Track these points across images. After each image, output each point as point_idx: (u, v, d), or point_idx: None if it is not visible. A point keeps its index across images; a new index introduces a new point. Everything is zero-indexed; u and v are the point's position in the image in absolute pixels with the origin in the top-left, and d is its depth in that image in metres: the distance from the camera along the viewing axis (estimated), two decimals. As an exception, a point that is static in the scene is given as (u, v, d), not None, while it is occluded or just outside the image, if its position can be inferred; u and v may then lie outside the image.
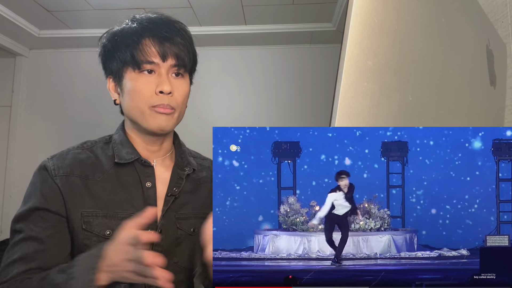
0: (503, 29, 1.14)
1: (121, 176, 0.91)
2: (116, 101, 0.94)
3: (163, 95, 0.86)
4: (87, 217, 0.85)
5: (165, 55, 0.87)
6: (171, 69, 0.89)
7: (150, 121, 0.87)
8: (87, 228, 0.85)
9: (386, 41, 0.50)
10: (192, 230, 0.96)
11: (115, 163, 0.91)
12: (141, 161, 0.92)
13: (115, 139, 0.95)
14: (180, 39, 0.89)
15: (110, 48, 0.89)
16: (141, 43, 0.86)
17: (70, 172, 0.87)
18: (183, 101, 0.92)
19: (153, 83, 0.87)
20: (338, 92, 0.43)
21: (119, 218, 0.87)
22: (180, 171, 0.97)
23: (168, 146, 1.00)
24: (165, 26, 0.89)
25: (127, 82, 0.88)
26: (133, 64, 0.86)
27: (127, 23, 0.91)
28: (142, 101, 0.86)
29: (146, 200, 0.91)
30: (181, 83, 0.91)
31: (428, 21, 0.63)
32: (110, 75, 0.93)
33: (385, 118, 0.50)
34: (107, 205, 0.87)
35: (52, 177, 0.86)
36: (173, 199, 0.94)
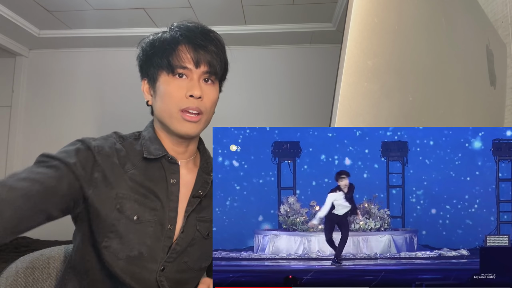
0: (503, 29, 1.14)
1: (149, 171, 0.94)
2: (148, 102, 0.99)
3: (193, 99, 0.90)
4: (122, 198, 0.88)
5: (199, 62, 0.92)
6: (203, 75, 0.93)
7: (177, 126, 0.92)
8: (120, 209, 0.87)
9: (386, 41, 0.50)
10: (206, 234, 1.00)
11: (144, 158, 0.94)
12: (168, 157, 0.96)
13: (144, 136, 0.98)
14: (214, 48, 0.94)
15: (148, 52, 0.95)
16: (177, 49, 0.91)
17: (111, 154, 0.90)
18: (211, 106, 0.96)
19: (184, 87, 0.91)
20: (338, 92, 0.43)
21: (147, 207, 0.90)
22: (206, 175, 1.02)
23: (193, 150, 1.03)
24: (201, 35, 0.93)
25: (160, 85, 0.93)
26: (167, 68, 0.91)
27: (166, 31, 0.96)
28: (172, 104, 0.90)
29: (169, 195, 0.94)
30: (210, 89, 0.95)
31: (428, 21, 0.63)
32: (145, 78, 0.98)
33: (385, 118, 0.50)
34: (138, 192, 0.90)
35: (95, 153, 0.88)
36: (198, 201, 0.97)
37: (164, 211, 0.92)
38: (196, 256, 0.98)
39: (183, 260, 0.95)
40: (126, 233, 0.87)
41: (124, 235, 0.87)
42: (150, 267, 0.89)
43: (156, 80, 0.94)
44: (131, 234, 0.87)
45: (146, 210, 0.90)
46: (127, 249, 0.87)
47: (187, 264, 0.96)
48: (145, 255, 0.88)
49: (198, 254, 0.98)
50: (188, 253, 0.96)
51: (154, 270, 0.90)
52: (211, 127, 1.08)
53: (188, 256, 0.96)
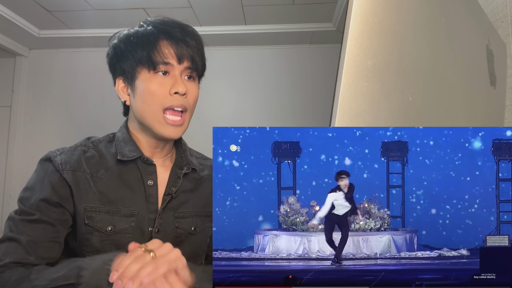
0: (503, 29, 1.14)
1: (124, 174, 0.91)
2: (126, 102, 0.94)
3: (177, 96, 0.87)
4: (90, 212, 0.86)
5: (182, 57, 0.87)
6: (185, 71, 0.90)
7: (160, 129, 0.88)
8: (89, 223, 0.86)
9: (386, 41, 0.50)
10: (192, 229, 0.97)
11: (118, 161, 0.91)
12: (143, 159, 0.93)
13: (118, 137, 0.95)
14: (194, 42, 0.90)
15: (123, 48, 0.89)
16: (158, 44, 0.87)
17: (77, 168, 0.88)
18: (194, 104, 0.93)
19: (167, 84, 0.87)
20: (338, 92, 0.43)
21: (121, 215, 0.88)
22: (178, 170, 0.97)
23: (170, 147, 1.00)
24: (180, 29, 0.89)
25: (140, 83, 0.88)
26: (148, 64, 0.86)
27: (142, 25, 0.91)
28: (155, 103, 0.86)
29: (147, 198, 0.91)
30: (193, 86, 0.92)
31: (428, 21, 0.63)
32: (120, 76, 0.93)
33: (385, 118, 0.50)
34: (110, 202, 0.88)
35: (60, 171, 0.87)
36: (169, 198, 0.94)
37: (143, 214, 0.90)
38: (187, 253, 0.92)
39: None
40: (101, 246, 0.86)
41: (99, 248, 0.86)
42: None
43: (134, 78, 0.88)
44: (107, 246, 0.86)
45: (121, 218, 0.87)
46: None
47: None
48: None
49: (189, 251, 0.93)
50: None
51: None
52: (211, 127, 1.07)
53: None
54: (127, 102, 0.93)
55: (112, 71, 0.95)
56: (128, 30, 0.92)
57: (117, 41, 0.92)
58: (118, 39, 0.92)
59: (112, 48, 0.92)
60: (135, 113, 0.92)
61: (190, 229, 0.96)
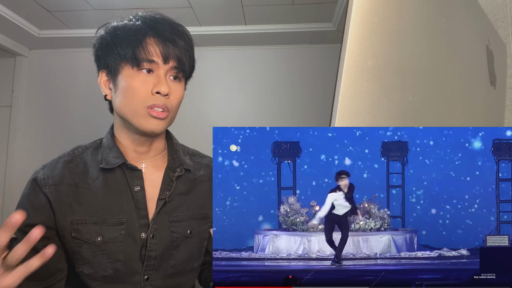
0: (503, 29, 1.14)
1: (110, 181, 0.89)
2: (107, 96, 0.91)
3: (159, 96, 0.84)
4: (76, 224, 0.85)
5: (168, 57, 0.85)
6: (170, 71, 0.87)
7: (141, 122, 0.85)
8: (76, 236, 0.85)
9: (386, 41, 0.50)
10: (188, 232, 0.95)
11: (103, 169, 0.89)
12: (127, 165, 0.90)
13: (104, 143, 0.93)
14: (183, 43, 0.87)
15: (109, 41, 0.86)
16: (144, 41, 0.84)
17: (60, 181, 0.86)
18: (177, 105, 0.90)
19: (150, 83, 0.84)
20: (338, 92, 0.43)
21: (109, 224, 0.86)
22: (171, 173, 0.95)
23: (160, 147, 0.98)
24: (170, 28, 0.87)
25: (122, 79, 0.85)
26: (132, 61, 0.83)
27: (130, 19, 0.89)
28: (136, 101, 0.84)
29: (136, 204, 0.89)
30: (177, 87, 0.89)
31: (428, 21, 0.63)
32: (104, 69, 0.89)
33: (385, 118, 0.50)
34: (96, 212, 0.86)
35: (41, 187, 0.85)
36: (163, 202, 0.92)
37: (133, 221, 0.88)
38: (184, 257, 0.94)
39: (170, 264, 0.91)
40: (92, 257, 0.85)
41: (90, 259, 0.85)
42: (133, 280, 0.87)
43: (117, 73, 0.85)
44: (98, 256, 0.85)
45: (109, 228, 0.86)
46: (100, 270, 0.85)
47: (175, 267, 0.92)
48: (122, 270, 0.86)
49: (185, 255, 0.94)
50: (174, 256, 0.92)
51: (137, 282, 0.88)
52: (211, 127, 1.06)
53: (175, 259, 0.92)
54: (107, 97, 0.90)
55: (96, 63, 0.91)
56: (117, 22, 0.89)
57: (104, 32, 0.89)
58: (105, 31, 0.89)
59: (98, 39, 0.89)
60: (115, 109, 0.89)
61: (186, 232, 0.95)
